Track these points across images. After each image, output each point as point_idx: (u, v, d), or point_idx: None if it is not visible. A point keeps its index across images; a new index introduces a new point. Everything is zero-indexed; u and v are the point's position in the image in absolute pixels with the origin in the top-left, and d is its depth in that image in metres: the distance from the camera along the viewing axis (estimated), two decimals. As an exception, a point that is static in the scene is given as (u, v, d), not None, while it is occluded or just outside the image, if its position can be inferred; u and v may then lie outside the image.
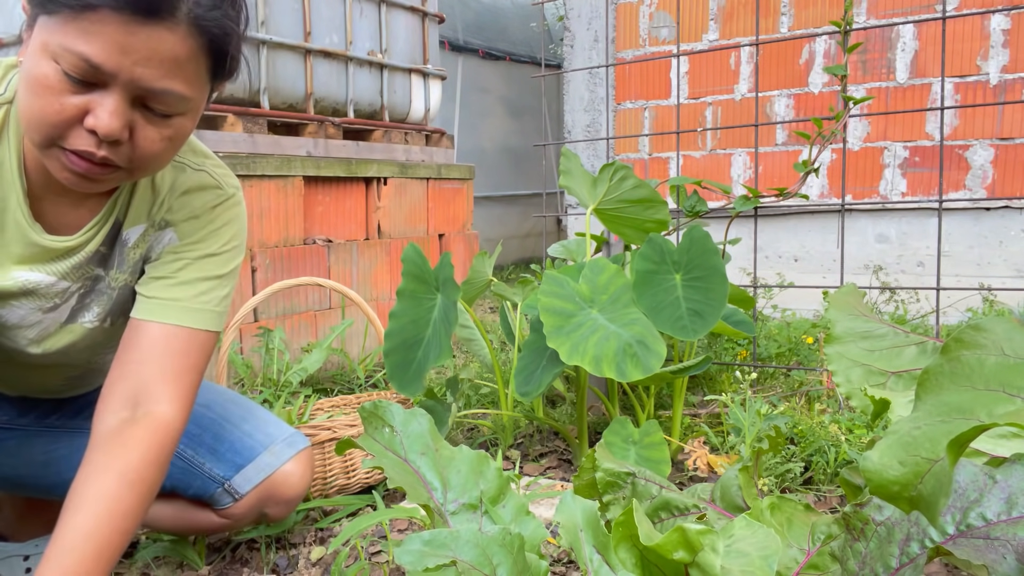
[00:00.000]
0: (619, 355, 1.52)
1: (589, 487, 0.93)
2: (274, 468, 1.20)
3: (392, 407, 0.90)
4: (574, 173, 1.87)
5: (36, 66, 0.80)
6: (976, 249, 3.19)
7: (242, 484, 1.19)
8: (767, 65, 3.49)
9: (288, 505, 1.24)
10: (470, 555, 0.71)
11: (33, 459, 1.17)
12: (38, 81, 0.80)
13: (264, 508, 1.22)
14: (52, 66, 0.79)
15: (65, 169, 0.85)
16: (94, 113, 0.80)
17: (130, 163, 0.86)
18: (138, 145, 0.85)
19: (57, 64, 0.79)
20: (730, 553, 0.66)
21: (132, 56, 0.79)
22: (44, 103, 0.80)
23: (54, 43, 0.79)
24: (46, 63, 0.80)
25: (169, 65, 0.82)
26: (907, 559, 0.74)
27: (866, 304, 1.02)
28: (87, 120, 0.81)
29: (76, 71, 0.79)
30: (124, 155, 0.85)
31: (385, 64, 3.01)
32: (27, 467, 1.17)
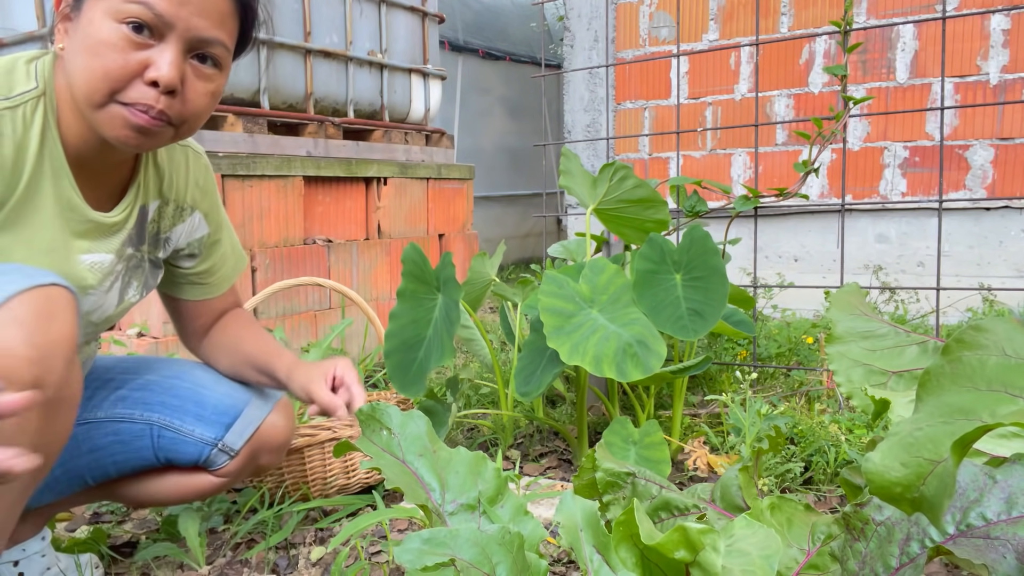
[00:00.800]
0: (619, 355, 1.52)
1: (589, 487, 0.92)
2: (261, 419, 1.24)
3: (390, 409, 0.90)
4: (574, 173, 1.86)
5: (98, 30, 0.90)
6: (976, 249, 3.19)
7: (235, 440, 1.22)
8: (767, 65, 3.49)
9: (278, 452, 1.29)
10: (469, 554, 0.71)
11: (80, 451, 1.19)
12: (101, 42, 0.89)
13: (258, 460, 1.26)
14: (115, 26, 0.89)
15: (126, 125, 0.93)
16: (155, 65, 0.91)
17: (180, 118, 0.96)
18: (188, 99, 0.96)
19: (120, 24, 0.89)
20: (731, 553, 0.66)
21: (188, 7, 0.92)
22: (107, 61, 0.89)
23: (114, 2, 0.89)
24: (108, 25, 0.89)
25: (217, 16, 0.95)
26: (907, 559, 0.74)
27: (867, 304, 1.02)
28: (148, 73, 0.91)
29: (139, 18, 0.89)
30: (176, 109, 0.95)
31: (385, 64, 3.01)
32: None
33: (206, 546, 1.38)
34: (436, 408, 1.72)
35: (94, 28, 0.90)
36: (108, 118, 0.93)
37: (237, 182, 2.29)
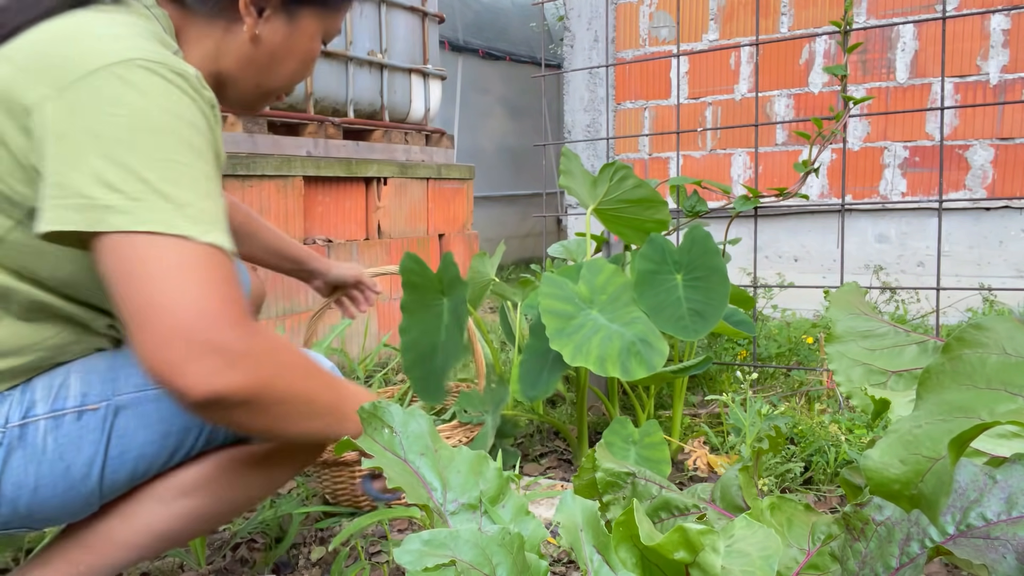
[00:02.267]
0: (623, 354, 1.52)
1: (589, 487, 0.92)
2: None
3: (391, 408, 0.90)
4: (574, 173, 1.86)
5: (311, 46, 1.05)
6: (976, 249, 3.19)
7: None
8: (767, 65, 3.49)
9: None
10: (469, 555, 0.71)
11: None
12: (310, 55, 1.06)
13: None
14: (319, 44, 1.06)
15: (273, 102, 1.11)
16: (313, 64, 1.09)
17: None
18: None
19: (321, 41, 1.06)
20: (731, 553, 0.66)
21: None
22: (308, 70, 1.07)
23: (328, 25, 1.06)
24: (317, 43, 1.06)
25: None
26: (907, 559, 0.74)
27: (867, 303, 1.02)
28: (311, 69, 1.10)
29: (330, 39, 1.09)
30: None
31: (385, 64, 3.01)
32: None
33: (206, 546, 1.38)
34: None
35: (311, 44, 1.05)
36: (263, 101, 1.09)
37: (237, 182, 2.29)
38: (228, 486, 0.96)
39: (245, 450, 0.97)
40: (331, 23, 1.06)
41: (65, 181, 0.75)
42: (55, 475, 0.86)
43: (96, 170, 0.75)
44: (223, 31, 0.97)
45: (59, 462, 0.86)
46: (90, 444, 0.87)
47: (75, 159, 0.75)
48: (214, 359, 0.74)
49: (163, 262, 0.75)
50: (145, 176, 0.76)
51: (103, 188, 0.75)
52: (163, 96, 0.79)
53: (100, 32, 0.83)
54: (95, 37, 0.82)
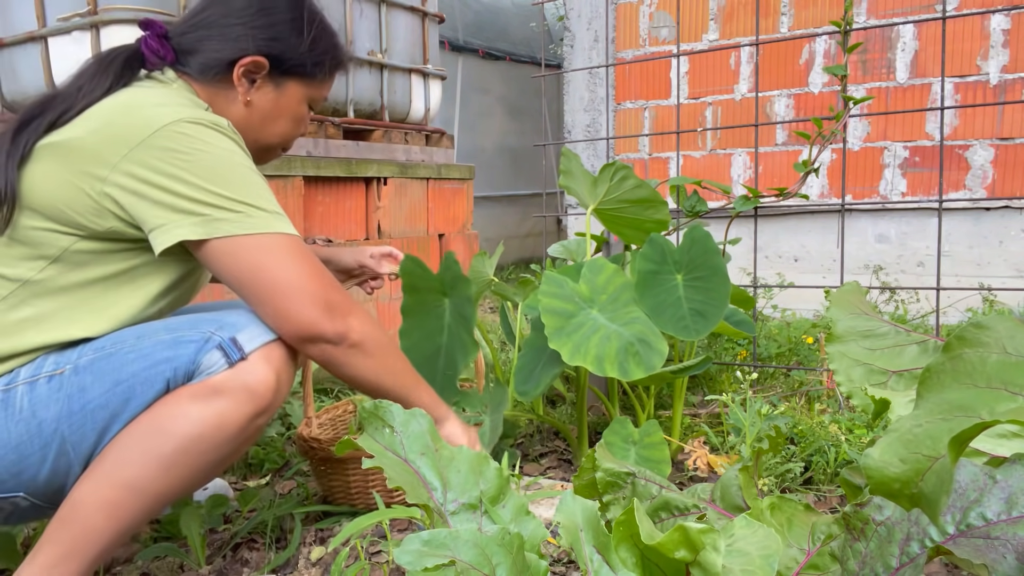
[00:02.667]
0: (621, 354, 1.52)
1: (589, 487, 0.93)
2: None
3: (392, 407, 0.90)
4: (574, 173, 1.86)
5: (296, 109, 1.26)
6: (976, 249, 3.19)
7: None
8: (767, 65, 3.49)
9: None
10: (469, 555, 0.71)
11: None
12: (300, 118, 1.27)
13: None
14: (304, 107, 1.27)
15: (276, 157, 1.32)
16: (306, 124, 1.31)
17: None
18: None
19: (307, 105, 1.28)
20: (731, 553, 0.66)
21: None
22: (299, 130, 1.29)
23: (312, 93, 1.26)
24: (302, 106, 1.27)
25: None
26: (907, 559, 0.74)
27: (867, 303, 1.02)
28: (304, 128, 1.31)
29: (316, 106, 1.31)
30: None
31: (385, 64, 3.01)
32: None
33: (206, 546, 1.38)
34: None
35: (294, 106, 1.25)
36: (268, 154, 1.30)
37: (237, 182, 2.29)
38: (182, 420, 1.01)
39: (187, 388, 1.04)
40: (315, 91, 1.27)
41: (177, 206, 1.03)
42: (31, 431, 1.00)
43: (190, 197, 1.03)
44: (224, 98, 1.20)
45: (32, 419, 1.01)
46: (56, 402, 1.01)
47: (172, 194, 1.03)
48: (335, 313, 1.09)
49: (275, 253, 1.06)
50: (232, 196, 1.05)
51: (208, 207, 1.03)
52: (214, 138, 1.07)
53: (150, 103, 1.09)
54: (148, 107, 1.08)
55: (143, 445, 1.00)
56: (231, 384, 1.03)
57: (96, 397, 1.01)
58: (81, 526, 0.98)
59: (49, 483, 1.03)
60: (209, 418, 1.01)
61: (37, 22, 2.28)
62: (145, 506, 1.01)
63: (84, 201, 1.04)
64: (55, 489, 1.04)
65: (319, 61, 1.24)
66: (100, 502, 0.98)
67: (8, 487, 1.02)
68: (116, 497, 0.99)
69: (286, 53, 1.21)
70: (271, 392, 1.06)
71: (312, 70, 1.24)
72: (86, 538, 0.98)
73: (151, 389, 1.02)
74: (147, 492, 1.00)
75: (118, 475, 0.99)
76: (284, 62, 1.21)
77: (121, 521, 0.99)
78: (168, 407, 1.02)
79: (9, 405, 1.01)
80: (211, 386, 1.02)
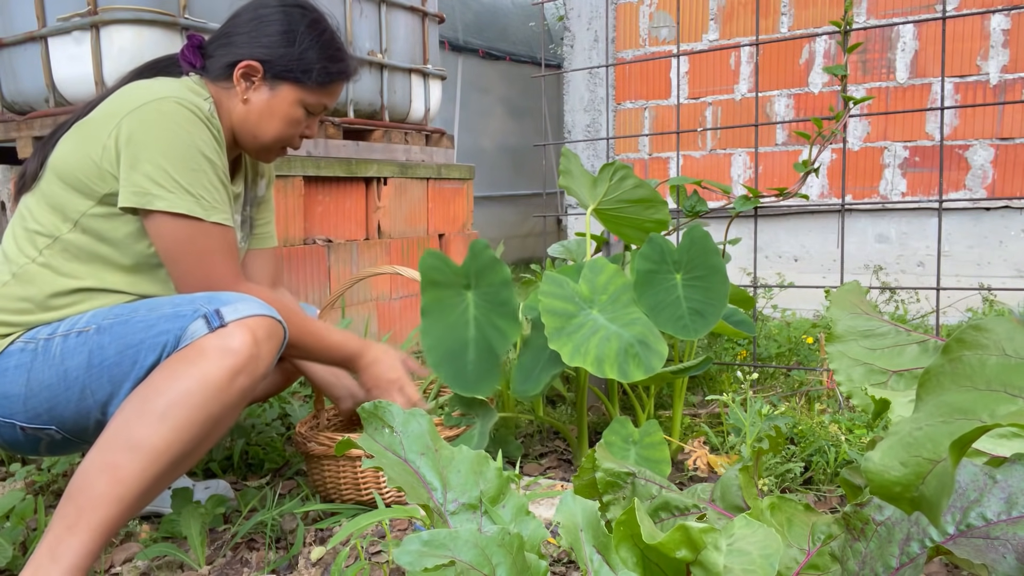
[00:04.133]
0: (621, 355, 1.52)
1: (589, 487, 0.93)
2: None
3: (392, 407, 0.90)
4: (574, 173, 1.86)
5: (289, 111, 1.40)
6: (976, 249, 3.19)
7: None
8: (767, 65, 3.49)
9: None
10: (469, 555, 0.71)
11: None
12: (291, 118, 1.40)
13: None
14: (301, 111, 1.41)
15: (277, 156, 1.48)
16: (311, 128, 1.45)
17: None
18: (307, 137, 1.49)
19: (302, 108, 1.40)
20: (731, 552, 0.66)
21: (336, 98, 1.48)
22: (292, 130, 1.42)
23: (306, 98, 1.40)
24: (296, 109, 1.40)
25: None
26: (907, 559, 0.74)
27: (868, 302, 1.02)
28: (305, 132, 1.45)
29: (316, 111, 1.43)
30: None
31: (385, 64, 3.01)
32: None
33: (206, 546, 1.38)
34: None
35: (287, 108, 1.39)
36: (269, 153, 1.46)
37: (237, 182, 2.29)
38: (169, 378, 1.14)
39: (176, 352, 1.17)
40: (309, 96, 1.40)
41: (130, 178, 1.22)
42: (59, 376, 1.19)
43: (146, 172, 1.22)
44: (229, 96, 1.39)
45: (61, 366, 1.19)
46: (80, 354, 1.19)
47: (134, 163, 1.22)
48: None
49: (184, 236, 1.25)
50: (176, 176, 1.23)
51: (152, 183, 1.22)
52: (185, 120, 1.25)
53: (151, 86, 1.30)
54: (146, 88, 1.29)
55: (137, 405, 1.12)
56: (211, 345, 1.15)
57: (111, 356, 1.18)
58: (86, 495, 1.06)
59: (76, 422, 1.21)
60: (194, 374, 1.13)
61: (37, 22, 2.28)
62: (143, 465, 1.08)
63: (90, 166, 1.25)
64: (81, 428, 1.23)
65: (308, 69, 1.38)
66: (101, 466, 1.08)
67: (43, 420, 1.22)
68: (115, 459, 1.08)
69: (277, 59, 1.37)
70: (247, 350, 1.16)
71: (302, 76, 1.38)
72: (91, 505, 1.06)
73: (152, 354, 1.17)
74: (143, 448, 1.08)
75: (115, 438, 1.10)
76: (275, 66, 1.37)
77: (122, 483, 1.07)
78: (159, 370, 1.16)
79: (48, 351, 1.20)
80: (195, 347, 1.15)
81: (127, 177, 1.22)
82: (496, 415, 1.63)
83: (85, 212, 1.26)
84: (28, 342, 1.23)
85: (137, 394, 1.14)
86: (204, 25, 2.23)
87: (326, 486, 1.54)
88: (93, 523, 1.05)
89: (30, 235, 1.29)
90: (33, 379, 1.21)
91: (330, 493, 1.54)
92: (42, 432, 1.24)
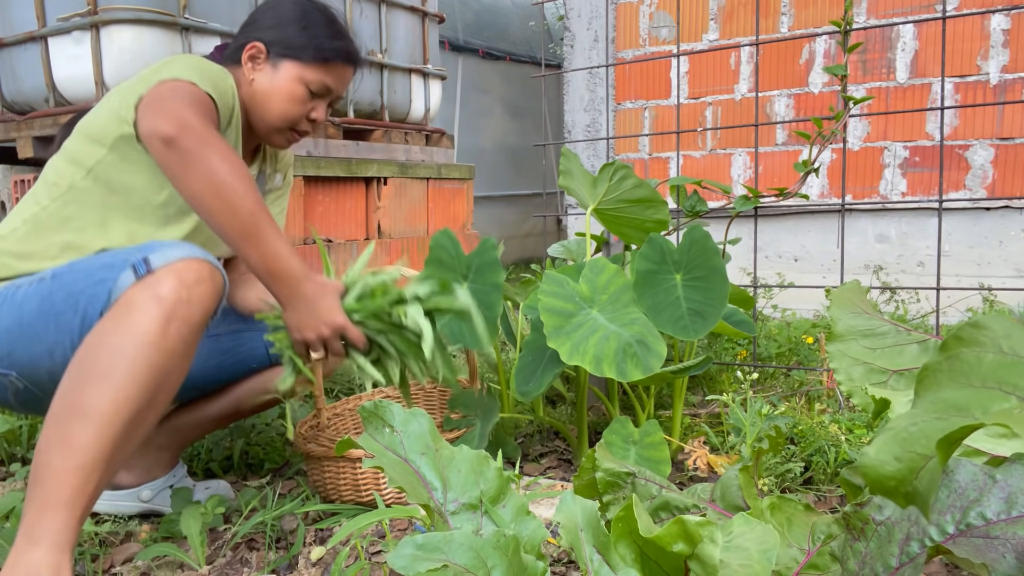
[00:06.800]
0: (619, 355, 1.52)
1: (589, 487, 0.93)
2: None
3: (392, 407, 0.90)
4: (574, 173, 1.86)
5: (291, 88, 1.45)
6: (976, 249, 3.19)
7: None
8: (767, 65, 3.49)
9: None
10: (464, 559, 0.71)
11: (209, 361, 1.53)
12: (293, 95, 1.45)
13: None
14: (304, 89, 1.45)
15: (287, 141, 1.51)
16: (317, 111, 1.49)
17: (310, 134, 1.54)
18: (319, 125, 1.52)
19: (307, 88, 1.45)
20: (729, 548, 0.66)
21: (342, 83, 1.51)
22: (296, 108, 1.46)
23: (306, 75, 1.45)
24: (298, 86, 1.45)
25: (348, 82, 1.54)
26: (907, 558, 0.74)
27: (868, 301, 1.02)
28: (312, 115, 1.48)
29: (318, 91, 1.47)
30: (313, 128, 1.53)
31: (385, 64, 3.01)
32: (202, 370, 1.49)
33: (206, 546, 1.38)
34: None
35: (289, 85, 1.44)
36: (279, 135, 1.49)
37: (237, 182, 2.29)
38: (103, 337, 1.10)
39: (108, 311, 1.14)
40: (308, 72, 1.44)
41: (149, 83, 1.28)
42: (16, 319, 1.20)
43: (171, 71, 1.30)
44: (241, 77, 1.46)
45: (19, 310, 1.21)
46: (35, 298, 1.20)
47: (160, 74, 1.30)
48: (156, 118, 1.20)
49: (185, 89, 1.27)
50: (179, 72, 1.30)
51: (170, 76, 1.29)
52: (209, 67, 1.35)
53: (175, 58, 1.37)
54: (172, 59, 1.37)
55: (76, 370, 1.08)
56: (138, 295, 1.11)
57: (59, 303, 1.18)
58: (47, 474, 1.03)
59: (30, 369, 1.21)
60: (124, 330, 1.09)
61: (37, 22, 2.28)
62: (96, 431, 1.04)
63: (110, 115, 1.32)
64: (36, 378, 1.22)
65: (306, 45, 1.44)
66: (54, 440, 1.04)
67: (4, 364, 1.22)
68: (66, 430, 1.04)
69: (278, 39, 1.45)
70: (174, 295, 1.11)
71: (300, 53, 1.44)
72: (54, 482, 1.03)
73: (96, 305, 1.15)
74: (91, 414, 1.05)
75: (63, 409, 1.06)
76: (277, 45, 1.45)
77: (78, 452, 1.03)
78: (92, 332, 1.11)
79: (14, 296, 1.22)
80: (123, 301, 1.12)
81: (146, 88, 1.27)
82: (498, 415, 1.63)
83: (100, 159, 1.31)
84: (9, 287, 1.25)
85: (76, 359, 1.10)
86: (204, 25, 2.23)
87: (326, 486, 1.54)
88: (63, 499, 1.02)
89: (47, 185, 1.34)
90: None
91: (330, 493, 1.54)
92: (4, 378, 1.24)
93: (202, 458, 1.80)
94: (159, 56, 2.12)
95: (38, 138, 2.32)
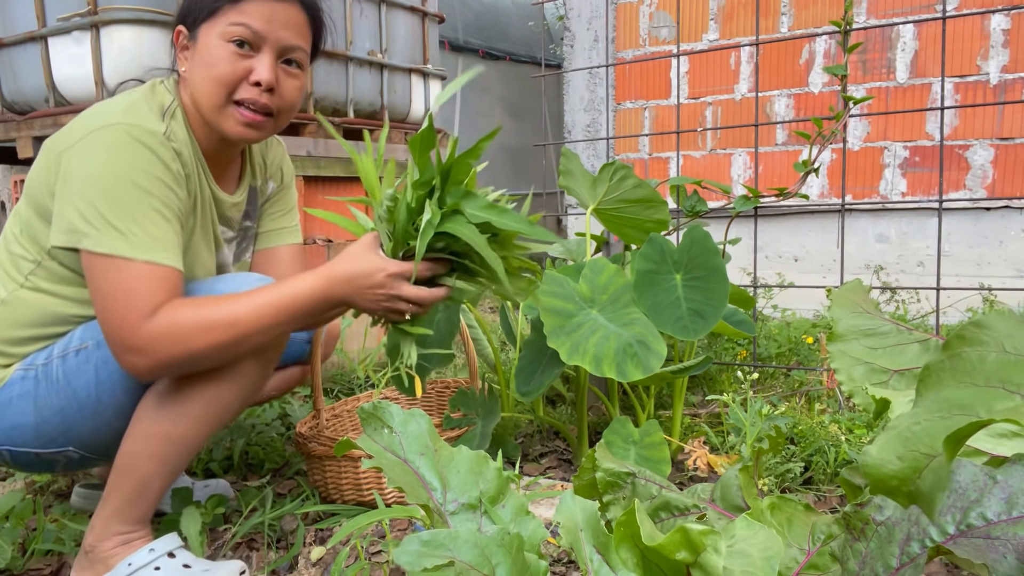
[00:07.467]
0: (619, 355, 1.52)
1: (589, 487, 0.92)
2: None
3: (391, 408, 0.90)
4: (574, 173, 1.86)
5: (213, 50, 1.20)
6: (976, 249, 3.19)
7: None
8: (767, 65, 3.49)
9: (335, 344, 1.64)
10: (468, 555, 0.71)
11: None
12: (216, 57, 1.20)
13: (327, 350, 1.59)
14: (224, 44, 1.20)
15: (239, 123, 1.24)
16: (256, 70, 1.21)
17: (278, 109, 1.26)
18: (283, 94, 1.26)
19: (227, 42, 1.19)
20: (731, 554, 0.66)
21: (275, 23, 1.21)
22: (222, 70, 1.20)
23: (221, 28, 1.19)
24: (218, 44, 1.20)
25: (297, 29, 1.25)
26: (907, 559, 0.74)
27: (869, 301, 1.02)
28: (252, 76, 1.21)
29: (241, 37, 1.19)
30: (275, 103, 1.25)
31: (385, 64, 3.01)
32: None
33: (206, 546, 1.38)
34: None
35: (209, 49, 1.21)
36: (226, 117, 1.23)
37: (237, 182, 2.29)
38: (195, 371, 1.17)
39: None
40: (223, 24, 1.21)
41: (62, 214, 1.15)
42: (68, 397, 1.20)
43: (77, 207, 1.13)
44: (182, 82, 1.29)
45: (68, 387, 1.20)
46: (86, 371, 1.20)
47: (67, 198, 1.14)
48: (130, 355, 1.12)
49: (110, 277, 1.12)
50: (107, 215, 1.12)
51: (80, 219, 1.13)
52: (126, 149, 1.14)
53: (106, 107, 1.19)
54: (102, 111, 1.19)
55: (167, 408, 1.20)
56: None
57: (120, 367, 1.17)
58: (139, 475, 1.19)
59: (92, 438, 1.24)
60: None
61: (37, 22, 2.28)
62: (181, 452, 1.21)
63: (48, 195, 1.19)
64: (98, 442, 1.25)
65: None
66: (148, 454, 1.19)
67: (59, 443, 1.23)
68: (160, 448, 1.19)
69: (189, 10, 1.26)
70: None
71: (207, 7, 1.22)
72: (146, 483, 1.20)
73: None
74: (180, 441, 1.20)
75: (156, 430, 1.19)
76: (189, 18, 1.25)
77: (168, 465, 1.20)
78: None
79: (48, 377, 1.20)
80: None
81: (59, 213, 1.16)
82: (498, 415, 1.63)
83: (51, 245, 1.19)
84: (28, 369, 1.21)
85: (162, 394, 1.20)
86: (204, 25, 2.23)
87: (327, 486, 1.54)
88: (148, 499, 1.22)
89: (14, 259, 1.25)
90: (41, 406, 1.21)
91: (330, 493, 1.54)
92: (59, 455, 1.25)
93: (202, 458, 1.80)
94: (159, 56, 2.12)
95: (38, 138, 2.32)
